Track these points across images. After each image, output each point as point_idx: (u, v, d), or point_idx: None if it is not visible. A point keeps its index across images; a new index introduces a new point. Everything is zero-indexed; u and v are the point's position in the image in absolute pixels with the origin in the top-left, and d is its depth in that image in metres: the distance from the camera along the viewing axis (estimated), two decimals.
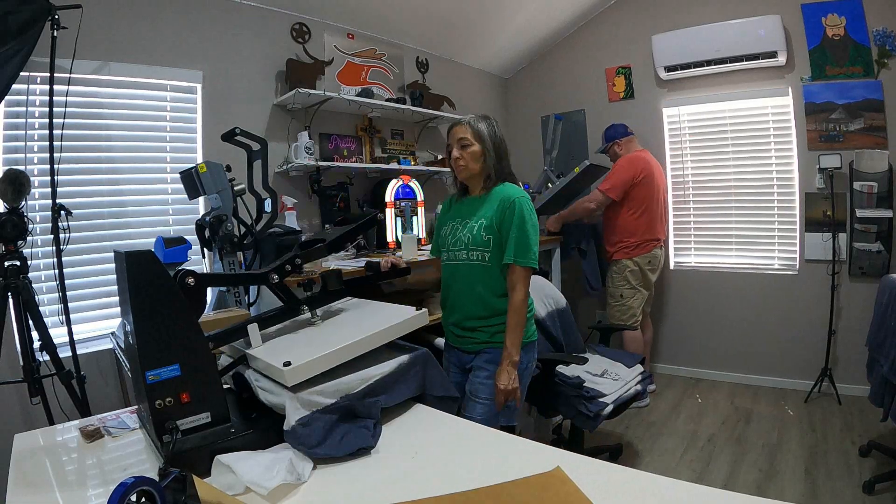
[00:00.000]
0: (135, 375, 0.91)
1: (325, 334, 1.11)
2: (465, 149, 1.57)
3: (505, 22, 3.58)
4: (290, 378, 0.91)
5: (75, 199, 2.05)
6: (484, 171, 1.60)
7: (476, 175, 1.61)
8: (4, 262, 1.65)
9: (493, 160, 1.58)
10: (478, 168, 1.59)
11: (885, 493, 2.06)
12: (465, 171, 1.60)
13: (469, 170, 1.59)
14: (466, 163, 1.58)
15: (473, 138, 1.56)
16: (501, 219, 1.54)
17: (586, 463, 0.83)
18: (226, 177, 1.89)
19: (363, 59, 3.14)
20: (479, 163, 1.58)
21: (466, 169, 1.59)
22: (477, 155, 1.57)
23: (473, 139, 1.56)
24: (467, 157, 1.57)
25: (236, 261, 1.97)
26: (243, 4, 2.59)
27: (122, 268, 0.87)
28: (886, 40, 2.88)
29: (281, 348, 1.03)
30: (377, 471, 0.86)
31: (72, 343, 1.85)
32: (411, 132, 3.47)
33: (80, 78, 2.02)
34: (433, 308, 2.55)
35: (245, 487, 0.78)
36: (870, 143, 2.96)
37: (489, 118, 1.62)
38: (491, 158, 1.58)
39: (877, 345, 2.18)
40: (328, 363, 0.97)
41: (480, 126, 1.57)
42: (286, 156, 2.67)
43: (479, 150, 1.57)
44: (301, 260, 1.15)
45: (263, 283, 1.11)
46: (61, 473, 0.89)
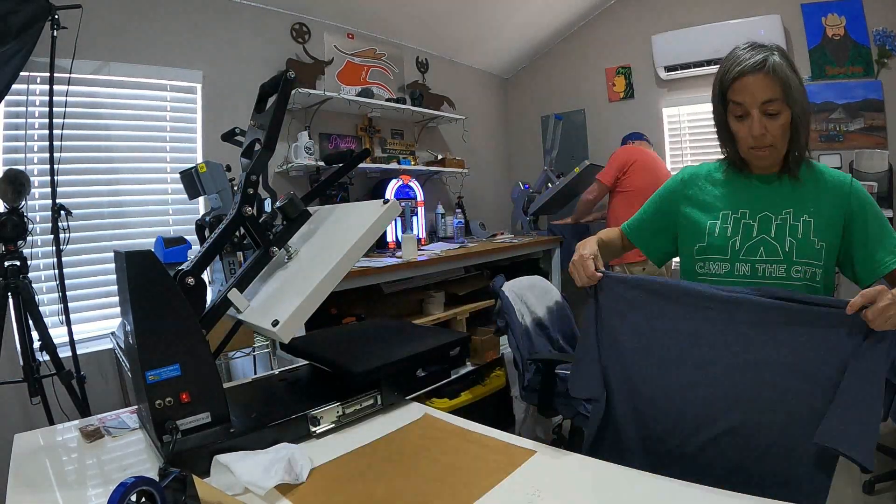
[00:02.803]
0: (135, 375, 0.91)
1: (305, 268, 1.05)
2: (772, 118, 0.96)
3: (505, 22, 3.58)
4: (284, 335, 0.91)
5: (75, 199, 2.05)
6: (792, 149, 1.01)
7: (778, 156, 1.03)
8: (4, 262, 1.65)
9: (805, 131, 1.00)
10: (785, 147, 1.01)
11: (885, 493, 2.06)
12: (772, 155, 1.01)
13: (777, 152, 1.01)
14: (775, 141, 0.98)
15: (784, 99, 0.95)
16: (846, 214, 0.99)
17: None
18: (226, 177, 1.89)
19: (363, 59, 3.14)
20: (786, 139, 1.00)
21: (774, 152, 1.00)
22: (787, 127, 0.98)
23: (784, 101, 0.95)
24: (777, 131, 0.97)
25: (236, 261, 1.96)
26: (243, 4, 2.59)
27: (122, 268, 0.87)
28: (886, 40, 2.88)
29: (268, 302, 1.01)
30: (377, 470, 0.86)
31: (72, 343, 1.85)
32: (411, 132, 3.47)
33: (80, 78, 2.02)
34: (433, 308, 2.56)
35: (244, 487, 0.78)
36: (870, 143, 2.96)
37: (786, 53, 0.98)
38: (804, 129, 1.00)
39: None
40: (316, 301, 0.95)
41: (789, 74, 0.95)
42: (286, 156, 2.67)
43: (788, 117, 0.97)
44: (255, 176, 1.04)
45: (241, 224, 1.02)
46: (61, 473, 0.89)
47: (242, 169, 1.08)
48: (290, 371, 1.29)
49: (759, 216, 1.03)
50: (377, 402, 1.08)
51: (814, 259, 0.98)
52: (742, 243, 1.03)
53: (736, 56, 0.98)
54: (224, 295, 0.99)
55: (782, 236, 0.99)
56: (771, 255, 1.00)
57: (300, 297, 0.93)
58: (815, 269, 0.98)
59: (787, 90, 0.94)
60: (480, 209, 3.92)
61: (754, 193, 1.06)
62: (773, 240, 1.00)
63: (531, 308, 2.14)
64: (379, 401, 1.08)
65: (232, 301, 1.00)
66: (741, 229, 1.03)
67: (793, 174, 1.03)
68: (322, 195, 1.58)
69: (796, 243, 0.98)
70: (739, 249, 1.02)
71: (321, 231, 1.15)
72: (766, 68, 0.94)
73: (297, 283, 0.99)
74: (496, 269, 3.10)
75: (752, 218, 1.03)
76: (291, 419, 0.96)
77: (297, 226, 1.10)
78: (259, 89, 1.12)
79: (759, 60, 0.94)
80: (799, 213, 1.00)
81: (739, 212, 1.05)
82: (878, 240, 0.99)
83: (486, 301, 2.77)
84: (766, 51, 0.96)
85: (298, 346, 1.26)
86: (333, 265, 0.96)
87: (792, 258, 0.98)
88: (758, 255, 1.01)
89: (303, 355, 1.27)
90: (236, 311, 1.02)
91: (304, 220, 1.10)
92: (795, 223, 1.00)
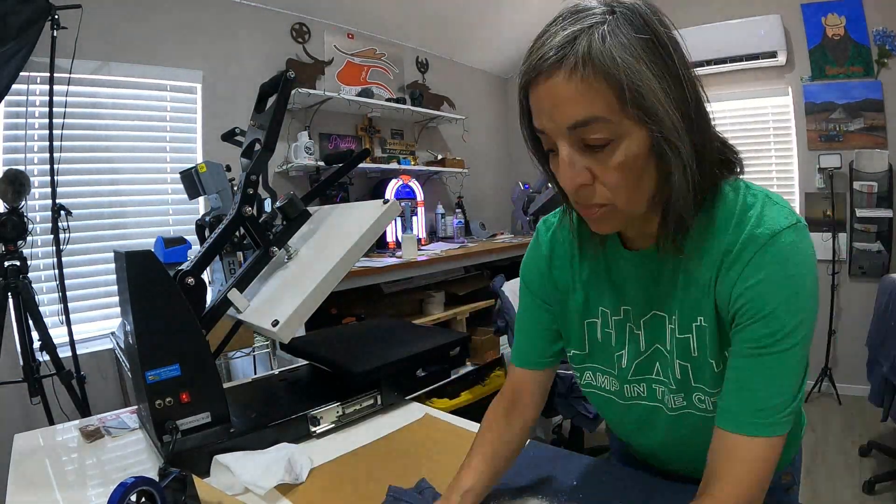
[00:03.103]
0: (135, 375, 0.91)
1: (305, 268, 1.05)
2: (597, 154, 0.51)
3: (505, 22, 3.58)
4: (284, 335, 0.91)
5: (75, 199, 2.05)
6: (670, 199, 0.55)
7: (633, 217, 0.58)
8: (4, 262, 1.65)
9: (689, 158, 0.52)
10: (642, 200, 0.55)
11: (885, 493, 2.06)
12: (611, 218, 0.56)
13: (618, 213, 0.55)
14: (609, 195, 0.53)
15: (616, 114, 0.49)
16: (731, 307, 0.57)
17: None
18: (226, 177, 1.89)
19: (363, 59, 3.14)
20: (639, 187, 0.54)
21: (614, 213, 0.55)
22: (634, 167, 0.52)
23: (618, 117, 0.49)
24: (611, 177, 0.52)
25: (236, 261, 1.97)
26: (243, 4, 2.59)
27: (122, 268, 0.87)
28: (886, 40, 2.88)
29: (268, 302, 1.01)
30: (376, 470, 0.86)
31: (72, 343, 1.85)
32: (411, 132, 3.47)
33: (80, 78, 2.02)
34: (433, 308, 2.57)
35: (244, 488, 0.78)
36: (870, 142, 2.96)
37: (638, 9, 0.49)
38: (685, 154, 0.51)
39: (877, 345, 2.17)
40: (316, 301, 0.95)
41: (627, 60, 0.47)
42: (286, 156, 2.67)
43: (636, 146, 0.51)
44: (255, 176, 1.04)
45: (241, 224, 1.02)
46: (61, 473, 0.89)
47: (242, 169, 1.09)
48: (290, 371, 1.29)
49: (643, 320, 0.66)
50: (377, 402, 1.08)
51: (715, 386, 0.61)
52: (629, 360, 0.69)
53: (537, 37, 0.53)
54: (224, 295, 0.99)
55: (673, 355, 0.64)
56: (667, 376, 0.66)
57: (300, 297, 0.93)
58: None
59: (624, 96, 0.47)
60: (480, 209, 3.92)
61: (632, 280, 0.66)
62: (668, 354, 0.65)
63: None
64: (379, 401, 1.08)
65: (232, 301, 1.00)
66: (627, 338, 0.69)
67: (674, 249, 0.58)
68: (322, 195, 1.59)
69: (690, 366, 0.63)
70: (627, 367, 0.69)
71: (321, 231, 1.15)
72: (571, 60, 0.48)
73: (297, 284, 0.99)
74: (496, 269, 3.10)
75: (636, 322, 0.67)
76: (291, 419, 0.96)
77: (297, 226, 1.10)
78: (259, 89, 1.12)
79: (560, 43, 0.48)
80: (689, 317, 0.61)
81: (621, 310, 0.68)
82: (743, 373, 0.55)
83: (486, 301, 2.77)
84: (584, 20, 0.49)
85: (298, 346, 1.26)
86: (333, 265, 0.96)
87: (689, 384, 0.64)
88: (654, 373, 0.68)
89: (303, 355, 1.27)
90: (236, 311, 1.02)
91: (304, 220, 1.10)
92: (685, 335, 0.62)
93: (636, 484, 0.76)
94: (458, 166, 3.45)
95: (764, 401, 0.53)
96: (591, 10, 0.50)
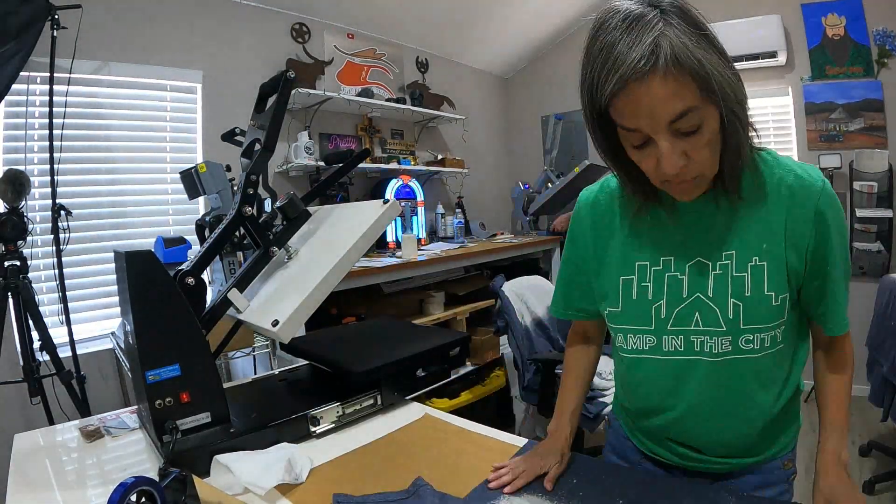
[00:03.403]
0: (135, 375, 0.91)
1: (305, 268, 1.05)
2: (692, 137, 0.59)
3: (505, 22, 3.58)
4: (284, 335, 0.91)
5: (75, 199, 2.05)
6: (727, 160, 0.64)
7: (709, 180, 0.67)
8: (4, 262, 1.65)
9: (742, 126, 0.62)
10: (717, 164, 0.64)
11: (885, 493, 2.06)
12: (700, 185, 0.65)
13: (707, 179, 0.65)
14: (703, 168, 0.62)
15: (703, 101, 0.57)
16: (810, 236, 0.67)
17: None
18: (226, 177, 1.89)
19: (363, 59, 3.14)
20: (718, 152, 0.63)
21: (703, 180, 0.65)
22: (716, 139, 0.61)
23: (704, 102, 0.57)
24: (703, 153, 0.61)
25: (236, 261, 1.97)
26: (243, 4, 2.59)
27: (122, 268, 0.87)
28: (886, 40, 2.88)
29: (268, 302, 1.01)
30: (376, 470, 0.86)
31: (72, 343, 1.85)
32: (411, 132, 3.47)
33: (80, 78, 2.02)
34: (433, 308, 2.56)
35: (244, 487, 0.78)
36: (870, 143, 2.96)
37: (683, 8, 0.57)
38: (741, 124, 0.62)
39: (877, 345, 2.18)
40: (316, 301, 0.95)
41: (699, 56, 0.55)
42: (286, 156, 2.67)
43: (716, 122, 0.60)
44: (255, 176, 1.04)
45: (241, 224, 1.02)
46: (61, 473, 0.89)
47: (242, 169, 1.08)
48: (290, 371, 1.29)
49: (688, 265, 0.71)
50: (377, 402, 1.08)
51: (770, 321, 0.68)
52: (669, 309, 0.72)
53: (606, 47, 0.56)
54: (224, 295, 0.99)
55: (724, 295, 0.69)
56: (710, 323, 0.70)
57: (300, 297, 0.93)
58: (775, 332, 0.70)
59: (704, 84, 0.55)
60: (480, 209, 3.92)
61: (678, 230, 0.72)
62: (711, 301, 0.70)
63: (531, 308, 2.14)
64: (379, 401, 1.08)
65: (232, 301, 1.00)
66: (666, 287, 0.72)
67: (732, 194, 0.68)
68: (322, 195, 1.59)
69: (743, 305, 0.68)
70: (667, 318, 0.72)
71: (321, 231, 1.15)
72: (663, 64, 0.53)
73: (297, 284, 0.99)
74: (496, 269, 3.11)
75: (680, 269, 0.72)
76: (291, 419, 0.96)
77: (297, 226, 1.10)
78: (259, 89, 1.12)
79: (644, 54, 0.53)
80: (745, 257, 0.68)
81: (661, 261, 0.73)
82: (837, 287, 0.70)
83: (486, 301, 2.77)
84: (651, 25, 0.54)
85: (298, 346, 1.26)
86: (333, 265, 0.96)
87: (738, 326, 0.69)
88: (692, 325, 0.71)
89: (303, 355, 1.27)
90: (236, 311, 1.02)
91: (304, 220, 1.10)
92: (740, 274, 0.68)
93: (636, 483, 0.76)
94: (458, 166, 3.45)
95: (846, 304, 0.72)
96: (646, 16, 0.55)
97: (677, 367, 0.74)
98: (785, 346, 0.72)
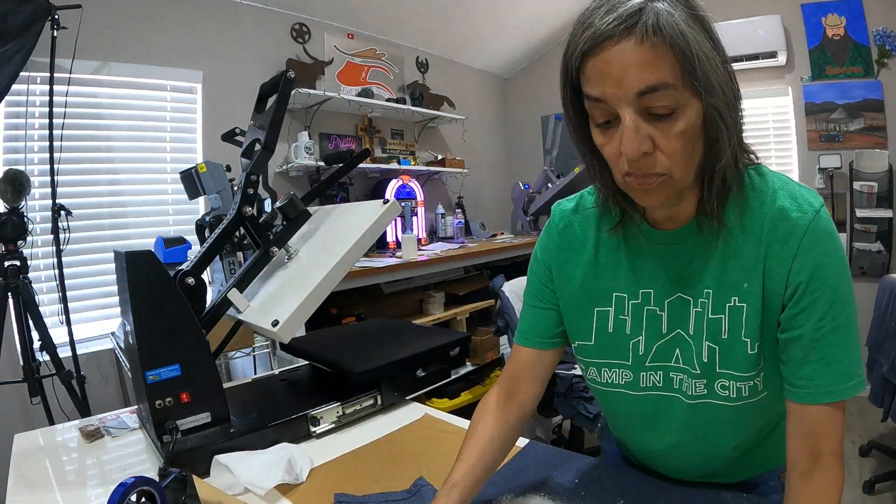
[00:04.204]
0: (135, 375, 0.91)
1: (305, 268, 1.05)
2: (661, 122, 0.52)
3: (505, 22, 3.58)
4: (284, 335, 0.91)
5: (75, 199, 2.05)
6: (710, 173, 0.57)
7: (682, 189, 0.58)
8: (4, 262, 1.65)
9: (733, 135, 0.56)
10: (691, 171, 0.56)
11: (885, 493, 2.06)
12: (663, 189, 0.56)
13: (673, 183, 0.56)
14: (669, 164, 0.54)
15: (682, 82, 0.50)
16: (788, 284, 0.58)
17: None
18: (226, 177, 1.89)
19: (363, 59, 3.14)
20: (691, 158, 0.55)
21: (669, 183, 0.55)
22: (691, 135, 0.53)
23: (682, 85, 0.50)
24: (672, 145, 0.53)
25: (236, 261, 1.97)
26: (243, 4, 2.59)
27: (121, 268, 0.87)
28: (886, 40, 2.88)
29: (268, 302, 1.01)
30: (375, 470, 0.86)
31: (72, 343, 1.85)
32: (411, 132, 3.47)
33: (80, 78, 2.02)
34: (433, 308, 2.56)
35: (244, 487, 0.78)
36: (870, 143, 2.96)
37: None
38: (731, 131, 0.55)
39: (877, 345, 2.17)
40: (316, 301, 0.95)
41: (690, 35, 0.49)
42: (286, 156, 2.67)
43: (694, 116, 0.52)
44: (255, 176, 1.03)
45: (241, 224, 1.02)
46: (61, 473, 0.89)
47: (242, 169, 1.08)
48: (290, 371, 1.29)
49: (668, 301, 0.66)
50: (377, 402, 1.08)
51: (746, 370, 0.62)
52: (648, 344, 0.67)
53: (586, 13, 0.53)
54: (224, 295, 0.99)
55: (700, 337, 0.63)
56: (688, 362, 0.65)
57: (300, 297, 0.93)
58: (754, 382, 0.62)
59: (687, 65, 0.49)
60: (480, 209, 3.92)
61: (656, 262, 0.66)
62: (691, 339, 0.64)
63: None
64: (379, 401, 1.08)
65: (232, 301, 1.00)
66: (644, 322, 0.67)
67: (716, 220, 0.59)
68: (322, 195, 1.59)
69: (718, 349, 0.62)
70: (645, 353, 0.68)
71: (321, 231, 1.15)
72: (642, 28, 0.49)
73: (297, 284, 0.99)
74: (496, 269, 3.10)
75: (659, 304, 0.66)
76: (291, 419, 0.96)
77: (297, 226, 1.09)
78: (259, 89, 1.12)
79: (622, 16, 0.49)
80: (724, 296, 0.61)
81: (640, 294, 0.67)
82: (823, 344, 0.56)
83: (486, 301, 2.77)
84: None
85: (298, 346, 1.26)
86: (333, 265, 0.96)
87: (714, 370, 0.63)
88: (672, 360, 0.66)
89: (303, 355, 1.27)
90: (236, 311, 1.02)
91: (304, 220, 1.10)
92: (717, 316, 0.62)
93: (638, 483, 0.76)
94: (458, 166, 3.45)
95: (848, 365, 0.56)
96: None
97: (655, 404, 0.69)
98: (769, 394, 0.63)
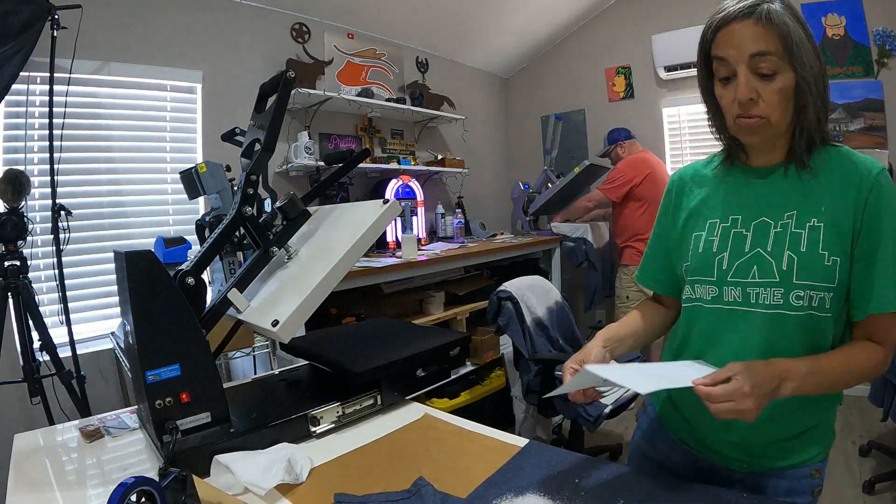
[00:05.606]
0: (135, 375, 0.91)
1: (305, 268, 1.05)
2: (765, 80, 0.73)
3: (505, 22, 3.58)
4: (284, 335, 0.91)
5: (75, 199, 2.05)
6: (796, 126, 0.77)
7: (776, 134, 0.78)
8: (4, 262, 1.65)
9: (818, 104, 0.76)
10: (784, 123, 0.76)
11: (885, 493, 2.06)
12: (764, 129, 0.76)
13: (771, 128, 0.76)
14: (769, 110, 0.74)
15: (782, 55, 0.72)
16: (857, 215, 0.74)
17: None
18: (226, 177, 1.89)
19: (363, 58, 3.14)
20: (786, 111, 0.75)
21: (767, 126, 0.75)
22: (786, 95, 0.74)
23: (782, 57, 0.72)
24: (771, 97, 0.73)
25: (236, 261, 1.97)
26: (243, 4, 2.59)
27: (121, 268, 0.87)
28: (886, 40, 2.88)
29: (268, 302, 1.01)
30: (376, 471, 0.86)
31: (72, 343, 1.85)
32: (411, 132, 3.47)
33: (80, 78, 2.02)
34: (433, 308, 2.56)
35: (244, 487, 0.78)
36: (870, 143, 2.96)
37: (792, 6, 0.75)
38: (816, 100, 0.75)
39: None
40: (316, 301, 0.95)
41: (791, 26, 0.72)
42: (286, 156, 2.67)
43: (789, 81, 0.73)
44: (255, 176, 1.04)
45: (241, 224, 1.03)
46: (61, 473, 0.89)
47: (242, 169, 1.08)
48: (290, 371, 1.29)
49: (753, 223, 0.79)
50: (377, 402, 1.08)
51: (821, 280, 0.73)
52: (731, 261, 0.79)
53: (722, 5, 0.76)
54: (224, 295, 0.99)
55: (780, 250, 0.75)
56: (766, 275, 0.76)
57: (300, 297, 0.93)
58: (824, 295, 0.73)
59: (786, 44, 0.71)
60: (480, 209, 3.92)
61: (749, 192, 0.82)
62: (770, 255, 0.76)
63: (531, 308, 2.14)
64: (379, 401, 1.08)
65: (232, 301, 1.00)
66: (730, 242, 0.80)
67: (801, 163, 0.78)
68: (322, 195, 1.59)
69: (797, 259, 0.74)
70: (728, 269, 0.79)
71: (321, 231, 1.15)
72: (758, 14, 0.71)
73: (296, 284, 0.99)
74: (496, 269, 3.11)
75: (746, 226, 0.80)
76: (291, 419, 0.96)
77: (297, 226, 1.09)
78: (259, 89, 1.11)
79: (747, 5, 0.72)
80: (805, 217, 0.75)
81: (729, 219, 0.82)
82: (887, 263, 0.72)
83: (485, 301, 2.76)
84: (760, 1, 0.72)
85: (298, 346, 1.26)
86: (333, 265, 0.96)
87: (791, 279, 0.74)
88: (749, 277, 0.77)
89: (303, 355, 1.27)
90: (236, 311, 1.02)
91: (304, 220, 1.10)
92: (798, 230, 0.75)
93: (638, 483, 0.76)
94: (458, 166, 3.45)
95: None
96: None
97: (734, 317, 0.79)
98: (832, 318, 0.75)
